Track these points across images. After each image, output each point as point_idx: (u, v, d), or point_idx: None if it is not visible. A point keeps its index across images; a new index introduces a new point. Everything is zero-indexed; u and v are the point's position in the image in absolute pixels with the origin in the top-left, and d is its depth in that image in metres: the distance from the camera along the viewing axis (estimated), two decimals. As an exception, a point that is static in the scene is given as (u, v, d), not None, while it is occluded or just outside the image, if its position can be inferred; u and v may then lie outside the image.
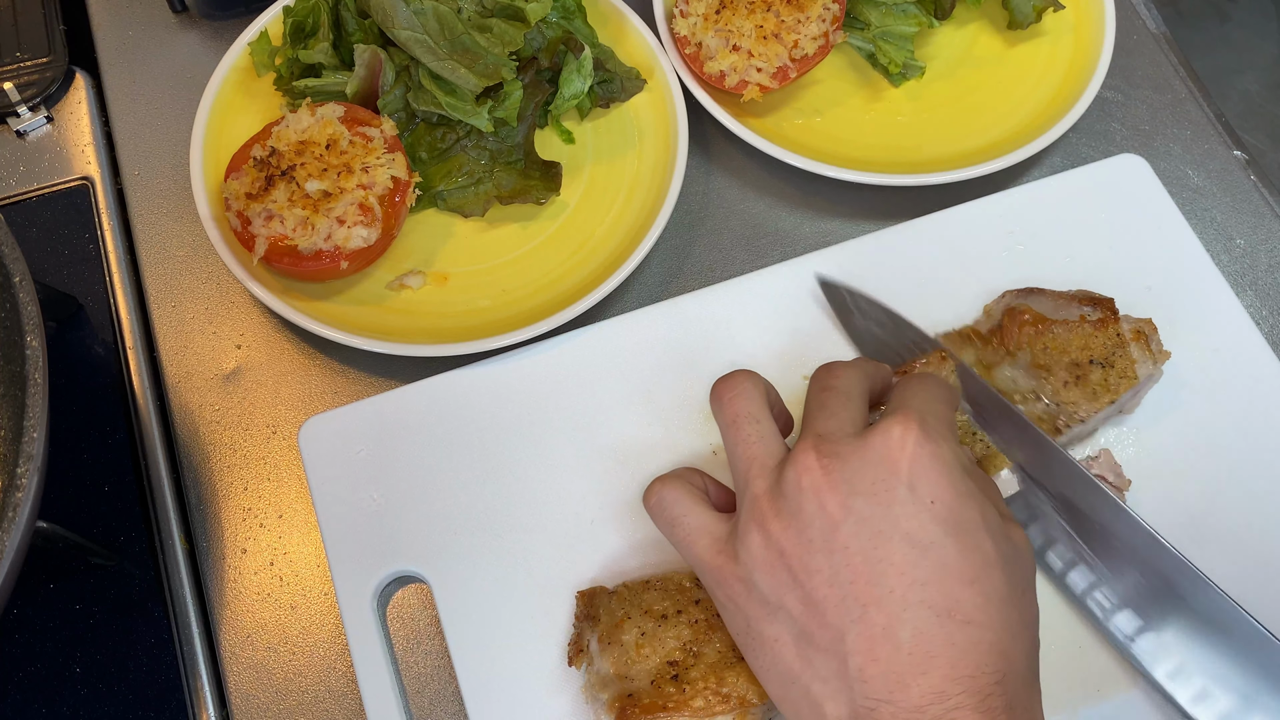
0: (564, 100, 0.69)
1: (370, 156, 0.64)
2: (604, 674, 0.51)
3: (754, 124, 0.71)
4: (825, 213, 0.71)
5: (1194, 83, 0.77)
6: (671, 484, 0.52)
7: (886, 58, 0.73)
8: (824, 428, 0.48)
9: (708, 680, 0.49)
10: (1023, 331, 0.58)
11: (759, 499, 0.47)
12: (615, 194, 0.69)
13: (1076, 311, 0.59)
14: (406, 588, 0.59)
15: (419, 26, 0.65)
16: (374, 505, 0.59)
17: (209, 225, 0.65)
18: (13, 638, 0.59)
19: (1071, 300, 0.59)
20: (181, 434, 0.65)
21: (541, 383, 0.62)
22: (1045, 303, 0.60)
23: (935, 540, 0.44)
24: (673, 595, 0.53)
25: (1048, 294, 0.60)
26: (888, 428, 0.46)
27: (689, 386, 0.62)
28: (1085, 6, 0.75)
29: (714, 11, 0.70)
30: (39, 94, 0.74)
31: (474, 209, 0.68)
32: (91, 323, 0.68)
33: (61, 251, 0.70)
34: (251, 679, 0.58)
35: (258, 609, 0.60)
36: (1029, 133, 0.70)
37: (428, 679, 0.58)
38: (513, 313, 0.65)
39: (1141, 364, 0.57)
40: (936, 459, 0.46)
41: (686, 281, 0.68)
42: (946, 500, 0.45)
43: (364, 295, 0.66)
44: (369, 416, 0.61)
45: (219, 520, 0.62)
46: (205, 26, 0.79)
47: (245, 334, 0.67)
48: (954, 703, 0.42)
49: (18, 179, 0.72)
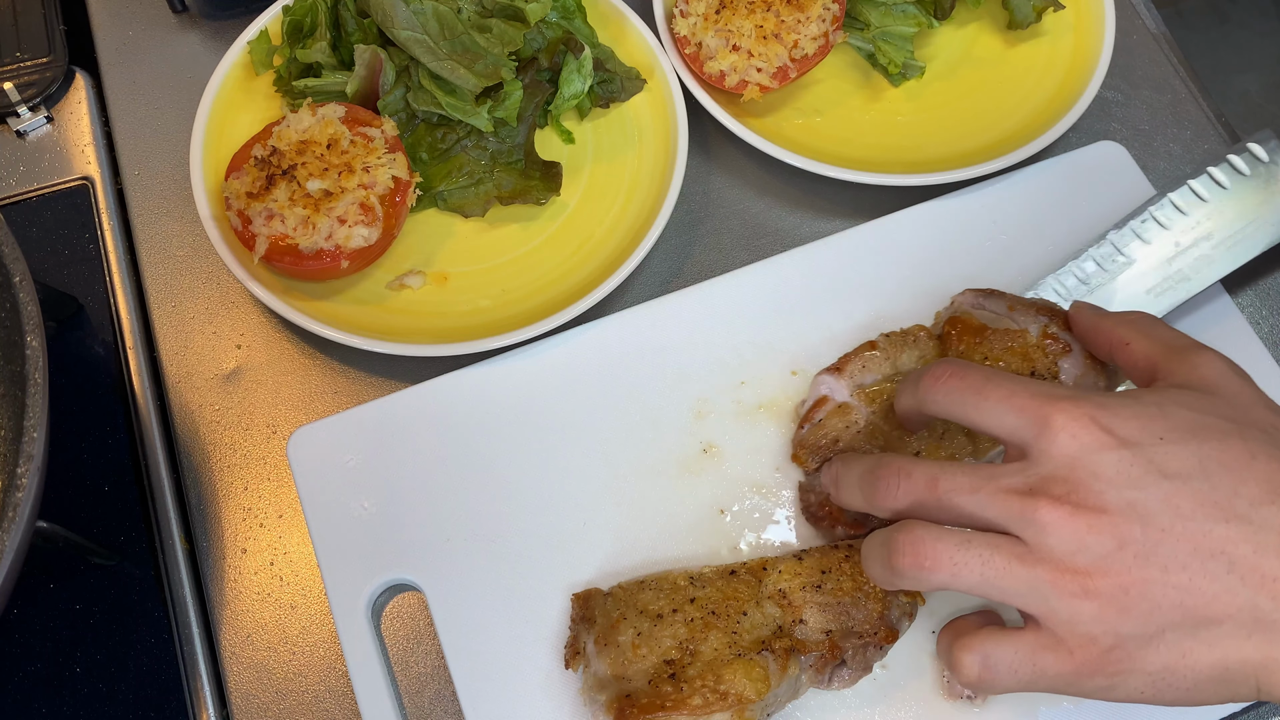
0: (564, 100, 0.69)
1: (371, 156, 0.64)
2: (601, 675, 0.51)
3: (754, 124, 0.71)
4: (825, 213, 0.71)
5: (1194, 83, 0.77)
6: (975, 642, 0.46)
7: (886, 58, 0.73)
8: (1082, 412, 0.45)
9: (705, 678, 0.49)
10: (961, 340, 0.57)
11: (1060, 575, 0.44)
12: (615, 194, 0.69)
13: (1031, 321, 0.57)
14: (402, 593, 0.59)
15: (419, 26, 0.65)
16: (365, 514, 0.59)
17: (209, 225, 0.65)
18: (13, 638, 0.59)
19: (1029, 308, 0.58)
20: (181, 434, 0.65)
21: (534, 385, 0.62)
22: (1000, 306, 0.58)
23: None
24: (668, 594, 0.53)
25: (1006, 298, 0.59)
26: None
27: (680, 386, 0.62)
28: (1085, 6, 0.75)
29: (714, 11, 0.70)
30: (39, 94, 0.74)
31: (474, 209, 0.68)
32: (91, 323, 0.68)
33: (61, 251, 0.70)
34: (251, 679, 0.58)
35: (258, 609, 0.60)
36: (1029, 133, 0.70)
37: (426, 680, 0.58)
38: (513, 313, 0.65)
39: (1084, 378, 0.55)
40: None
41: (686, 281, 0.68)
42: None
43: (364, 295, 0.66)
44: (358, 425, 0.61)
45: (219, 520, 0.62)
46: (205, 26, 0.79)
47: (245, 334, 0.67)
48: None
49: (18, 179, 0.73)
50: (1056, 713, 0.54)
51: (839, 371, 0.59)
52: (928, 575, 0.45)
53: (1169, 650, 0.43)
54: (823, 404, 0.58)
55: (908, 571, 0.46)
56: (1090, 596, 0.43)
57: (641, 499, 0.59)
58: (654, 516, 0.58)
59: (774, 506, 0.59)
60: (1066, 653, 0.44)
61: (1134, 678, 0.44)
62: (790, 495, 0.59)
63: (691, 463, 0.60)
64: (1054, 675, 0.45)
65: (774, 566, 0.54)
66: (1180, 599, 0.43)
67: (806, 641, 0.51)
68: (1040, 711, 0.54)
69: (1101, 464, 0.44)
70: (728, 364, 0.63)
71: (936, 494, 0.46)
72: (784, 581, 0.53)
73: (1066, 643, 0.44)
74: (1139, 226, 0.63)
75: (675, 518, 0.58)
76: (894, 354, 0.59)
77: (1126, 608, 0.43)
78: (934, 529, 0.46)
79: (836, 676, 0.53)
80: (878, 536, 0.48)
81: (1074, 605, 0.43)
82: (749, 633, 0.51)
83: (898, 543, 0.46)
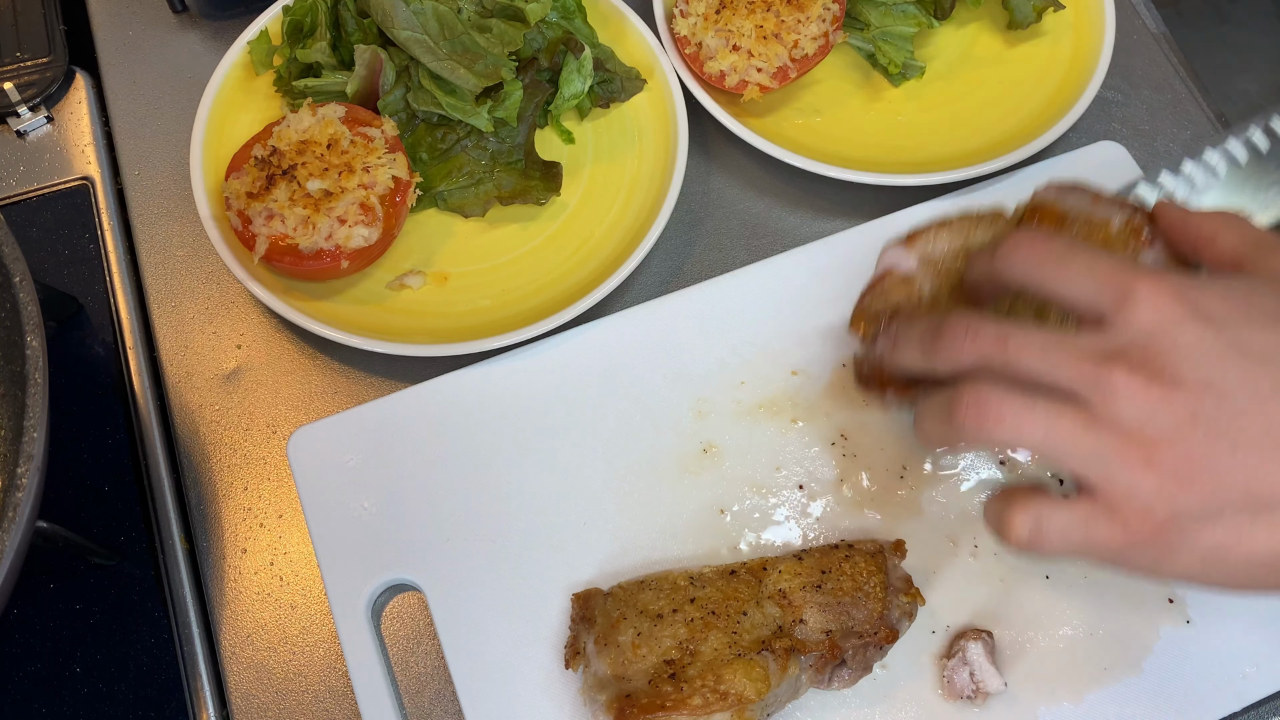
0: (564, 100, 0.69)
1: (371, 156, 0.64)
2: (601, 675, 0.51)
3: (754, 124, 0.71)
4: (825, 212, 0.71)
5: (1194, 83, 0.77)
6: (1030, 502, 0.46)
7: (886, 58, 0.73)
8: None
9: (705, 678, 0.49)
10: (1041, 226, 0.55)
11: (1118, 425, 0.43)
12: (615, 194, 0.69)
13: (1115, 213, 0.55)
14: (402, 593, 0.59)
15: (419, 26, 0.65)
16: (365, 514, 0.59)
17: (209, 225, 0.65)
18: (13, 638, 0.59)
19: (1113, 203, 0.56)
20: (181, 434, 0.65)
21: (534, 385, 0.62)
22: (1084, 200, 0.56)
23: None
24: (668, 594, 0.53)
25: (1090, 193, 0.57)
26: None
27: (680, 386, 0.62)
28: (1085, 6, 0.75)
29: (714, 11, 0.70)
30: (39, 94, 0.74)
31: (474, 209, 0.68)
32: (91, 323, 0.68)
33: (61, 251, 0.70)
34: (251, 679, 0.58)
35: (258, 609, 0.60)
36: (1029, 133, 0.70)
37: (427, 679, 0.58)
38: (513, 313, 0.65)
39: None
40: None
41: (686, 281, 0.68)
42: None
43: (364, 295, 0.66)
44: (357, 425, 0.61)
45: (219, 520, 0.62)
46: (205, 26, 0.79)
47: (245, 334, 0.67)
48: None
49: (18, 179, 0.73)
50: (1057, 713, 0.54)
51: (909, 243, 0.57)
52: (991, 429, 0.44)
53: (1226, 530, 0.42)
54: (888, 275, 0.57)
55: (970, 426, 0.45)
56: (1153, 468, 0.42)
57: (641, 499, 0.59)
58: (654, 516, 0.58)
59: (774, 506, 0.59)
60: (1121, 523, 0.43)
61: (1185, 555, 0.43)
62: (790, 495, 0.59)
63: (691, 463, 0.60)
64: (1104, 545, 0.44)
65: (774, 566, 0.54)
66: (1246, 479, 0.42)
67: (806, 641, 0.51)
68: (1040, 712, 0.54)
69: (1182, 337, 0.43)
70: (728, 364, 0.63)
71: (1005, 352, 0.45)
72: (784, 581, 0.53)
73: (1122, 512, 0.43)
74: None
75: (675, 518, 0.58)
76: (968, 231, 0.57)
77: (1189, 482, 0.42)
78: (1000, 385, 0.45)
79: (836, 676, 0.53)
80: (936, 395, 0.47)
81: (1135, 476, 0.43)
82: (749, 633, 0.51)
83: (962, 395, 0.45)
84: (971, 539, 0.58)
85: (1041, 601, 0.56)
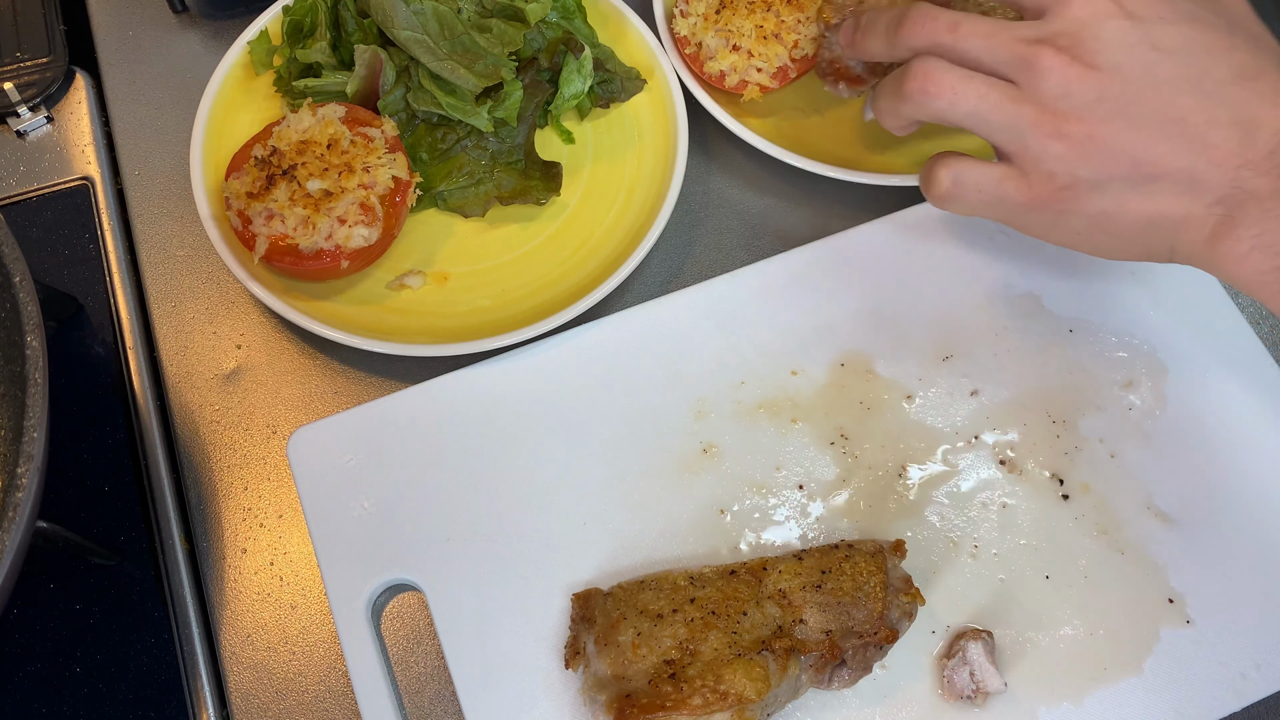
0: (564, 100, 0.69)
1: (371, 156, 0.64)
2: (601, 675, 0.51)
3: (754, 124, 0.71)
4: (825, 213, 0.71)
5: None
6: (952, 161, 0.53)
7: (886, 58, 0.73)
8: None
9: (705, 678, 0.49)
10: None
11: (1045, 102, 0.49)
12: (615, 194, 0.69)
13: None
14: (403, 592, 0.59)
15: (419, 26, 0.65)
16: (365, 514, 0.59)
17: (209, 225, 0.65)
18: (13, 638, 0.59)
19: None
20: (181, 434, 0.65)
21: (534, 385, 0.62)
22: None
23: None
24: (668, 594, 0.53)
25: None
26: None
27: (680, 386, 0.62)
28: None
29: (714, 11, 0.70)
30: (39, 94, 0.74)
31: (474, 209, 0.68)
32: (91, 323, 0.68)
33: (61, 251, 0.70)
34: (251, 679, 0.58)
35: (258, 609, 0.60)
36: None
37: (427, 679, 0.58)
38: (513, 313, 0.65)
39: None
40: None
41: (686, 281, 0.68)
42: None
43: (364, 295, 0.66)
44: (357, 425, 0.61)
45: (219, 520, 0.62)
46: (205, 26, 0.79)
47: (245, 334, 0.67)
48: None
49: (18, 179, 0.73)
50: (1057, 713, 0.54)
51: None
52: (931, 100, 0.52)
53: (1111, 198, 0.50)
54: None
55: (914, 95, 0.52)
56: (1061, 138, 0.49)
57: (641, 499, 0.59)
58: (654, 516, 0.58)
59: (774, 506, 0.59)
60: (1027, 185, 0.51)
61: (1075, 218, 0.51)
62: (790, 495, 0.59)
63: (691, 463, 0.60)
64: (1011, 203, 0.52)
65: (774, 566, 0.54)
66: (1134, 153, 0.49)
67: (806, 641, 0.51)
68: (1040, 712, 0.54)
69: (1105, 29, 0.49)
70: (728, 364, 0.63)
71: (955, 35, 0.52)
72: (784, 581, 0.53)
73: (1029, 176, 0.51)
74: None
75: (675, 518, 0.58)
76: None
77: (1088, 153, 0.49)
78: (944, 62, 0.52)
79: (836, 676, 0.53)
80: (892, 75, 0.54)
81: (1045, 144, 0.50)
82: (749, 633, 0.51)
83: (911, 69, 0.52)
84: (971, 539, 0.58)
85: (1041, 601, 0.56)
